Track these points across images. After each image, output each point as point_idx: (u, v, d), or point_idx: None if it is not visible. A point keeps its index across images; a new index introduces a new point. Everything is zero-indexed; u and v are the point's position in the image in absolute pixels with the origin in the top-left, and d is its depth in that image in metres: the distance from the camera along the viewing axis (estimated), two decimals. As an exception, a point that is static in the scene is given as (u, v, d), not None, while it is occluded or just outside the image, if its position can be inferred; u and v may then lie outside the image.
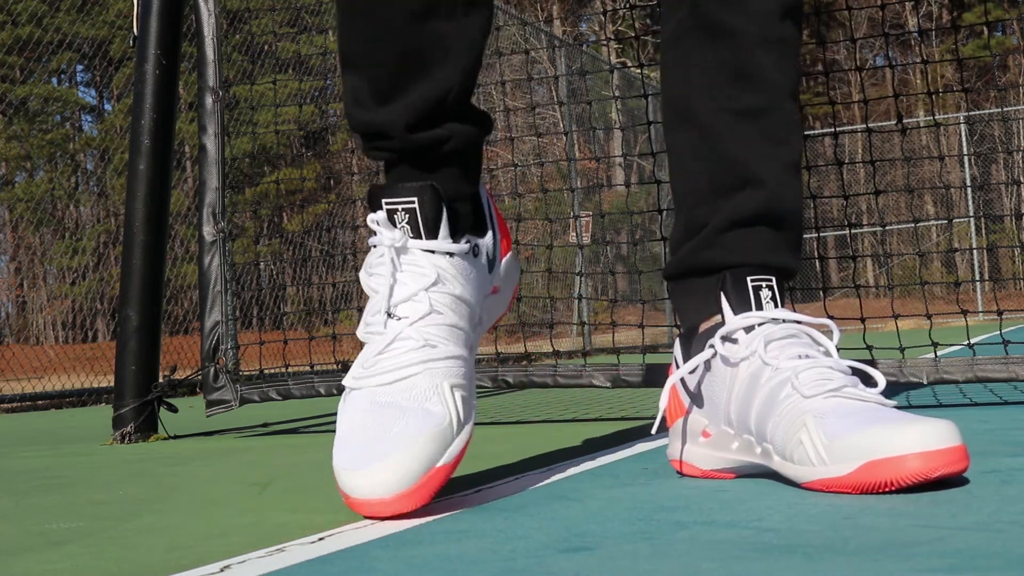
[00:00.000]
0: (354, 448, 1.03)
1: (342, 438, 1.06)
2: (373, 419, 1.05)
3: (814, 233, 2.56)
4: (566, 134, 2.98)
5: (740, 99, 1.24)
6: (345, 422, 1.08)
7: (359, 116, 1.22)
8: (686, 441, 1.24)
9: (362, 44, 1.20)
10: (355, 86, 1.22)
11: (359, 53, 1.21)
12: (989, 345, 2.21)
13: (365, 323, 1.11)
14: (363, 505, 1.01)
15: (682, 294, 1.29)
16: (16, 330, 10.95)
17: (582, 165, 10.85)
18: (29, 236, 10.10)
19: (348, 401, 1.10)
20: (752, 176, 1.25)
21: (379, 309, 1.11)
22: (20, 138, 10.69)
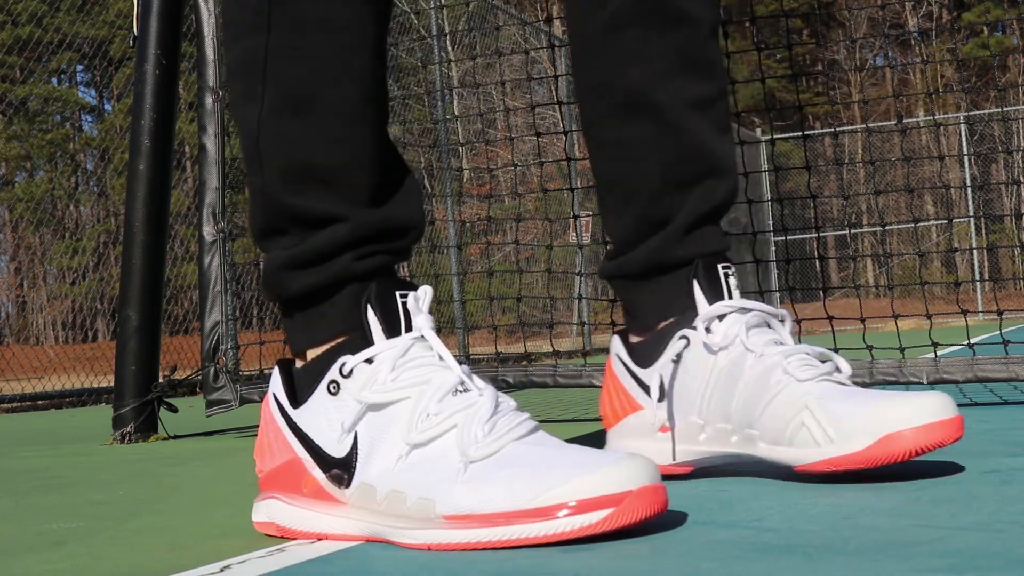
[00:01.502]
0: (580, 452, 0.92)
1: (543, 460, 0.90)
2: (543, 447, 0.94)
3: (814, 233, 2.55)
4: (566, 134, 2.99)
5: (696, 89, 1.21)
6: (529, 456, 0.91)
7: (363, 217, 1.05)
8: (639, 438, 1.19)
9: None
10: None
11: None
12: (989, 345, 2.21)
13: (428, 414, 0.93)
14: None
15: (644, 292, 1.23)
16: (16, 330, 10.96)
17: (582, 165, 10.86)
18: (29, 236, 10.11)
19: (496, 460, 0.91)
20: (715, 166, 1.22)
21: (445, 391, 0.95)
22: (20, 138, 10.69)
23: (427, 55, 9.50)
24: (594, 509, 0.85)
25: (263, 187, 1.03)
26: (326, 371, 0.98)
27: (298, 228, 1.02)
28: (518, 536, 0.86)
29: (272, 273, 1.04)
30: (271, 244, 1.05)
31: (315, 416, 0.98)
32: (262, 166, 1.03)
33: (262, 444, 1.03)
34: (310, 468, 0.98)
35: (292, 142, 1.02)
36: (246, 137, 1.04)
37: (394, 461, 0.93)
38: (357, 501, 0.95)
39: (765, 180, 14.02)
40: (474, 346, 9.40)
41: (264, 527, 1.02)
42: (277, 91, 1.02)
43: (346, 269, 1.01)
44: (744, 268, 13.31)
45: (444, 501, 0.88)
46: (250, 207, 1.06)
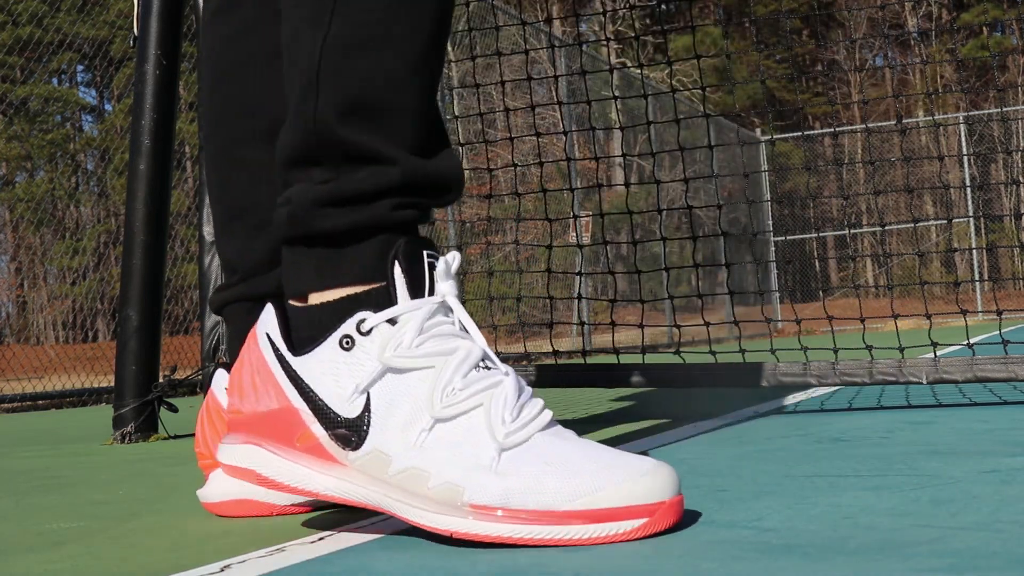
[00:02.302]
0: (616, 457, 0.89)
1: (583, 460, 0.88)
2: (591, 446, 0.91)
3: (814, 233, 2.55)
4: (566, 134, 3.00)
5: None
6: (562, 456, 0.88)
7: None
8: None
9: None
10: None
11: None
12: (989, 345, 2.21)
13: (454, 388, 0.90)
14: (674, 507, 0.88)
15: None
16: (16, 330, 10.96)
17: (582, 165, 10.86)
18: (29, 236, 10.11)
19: (530, 449, 0.89)
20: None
21: (470, 364, 0.91)
22: (21, 138, 10.69)
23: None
24: (629, 518, 0.85)
25: (315, 113, 0.97)
26: (338, 323, 0.93)
27: (339, 162, 0.97)
28: (548, 537, 0.85)
29: (304, 206, 0.97)
30: (300, 174, 0.99)
31: (321, 368, 0.93)
32: (318, 93, 0.97)
33: (242, 382, 0.97)
34: (308, 422, 0.93)
35: (354, 75, 0.97)
36: (303, 61, 0.99)
37: (416, 434, 0.89)
38: (364, 466, 0.91)
39: (765, 180, 14.04)
40: (474, 346, 9.38)
41: (239, 473, 0.96)
42: (347, 21, 0.98)
43: (384, 215, 0.96)
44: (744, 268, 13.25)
45: (475, 490, 0.86)
46: (288, 131, 1.00)
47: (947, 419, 1.79)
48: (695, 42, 2.76)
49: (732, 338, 8.99)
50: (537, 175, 8.93)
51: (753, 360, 2.21)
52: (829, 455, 1.38)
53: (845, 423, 1.83)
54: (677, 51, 20.82)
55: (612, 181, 15.40)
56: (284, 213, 0.99)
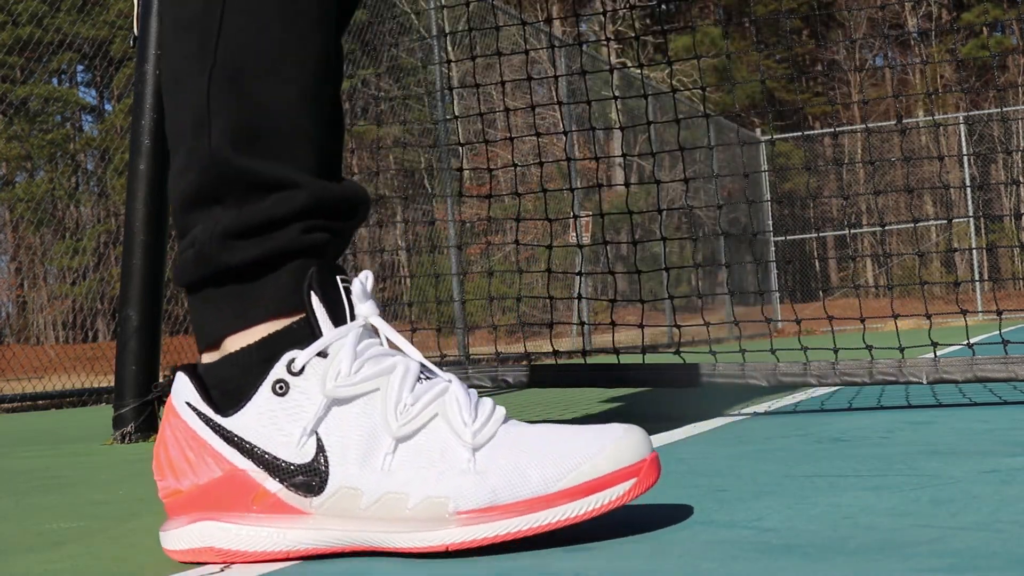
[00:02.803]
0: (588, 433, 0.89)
1: (553, 440, 0.88)
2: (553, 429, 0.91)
3: (814, 233, 2.55)
4: (566, 134, 3.01)
5: None
6: (529, 440, 0.88)
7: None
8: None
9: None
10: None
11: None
12: (989, 345, 2.21)
13: (405, 405, 0.88)
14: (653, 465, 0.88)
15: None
16: (16, 330, 10.96)
17: (582, 165, 10.86)
18: (29, 236, 10.11)
19: (500, 441, 0.88)
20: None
21: (413, 378, 0.90)
22: (20, 138, 10.69)
23: (427, 55, 9.51)
24: (618, 482, 0.85)
25: (209, 148, 0.94)
26: (264, 368, 0.89)
27: (241, 195, 0.93)
28: (544, 523, 0.84)
29: (209, 241, 0.93)
30: (201, 215, 0.94)
31: (258, 422, 0.88)
32: (210, 126, 0.94)
33: (172, 459, 0.91)
34: (260, 480, 0.88)
35: (246, 103, 0.95)
36: (191, 98, 0.95)
37: (380, 459, 0.86)
38: (330, 509, 0.87)
39: (765, 180, 14.04)
40: (474, 346, 9.41)
41: (197, 554, 0.89)
42: (233, 51, 0.95)
43: (294, 239, 0.93)
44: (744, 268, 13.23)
45: (459, 497, 0.84)
46: (182, 174, 0.96)
47: (947, 419, 1.79)
48: (695, 42, 2.76)
49: (732, 338, 8.99)
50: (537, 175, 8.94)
51: (753, 360, 2.21)
52: (829, 455, 1.38)
53: (845, 423, 1.83)
54: (677, 51, 20.81)
55: (612, 181, 15.40)
56: (189, 256, 0.94)
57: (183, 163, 0.96)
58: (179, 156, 0.97)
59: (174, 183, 0.97)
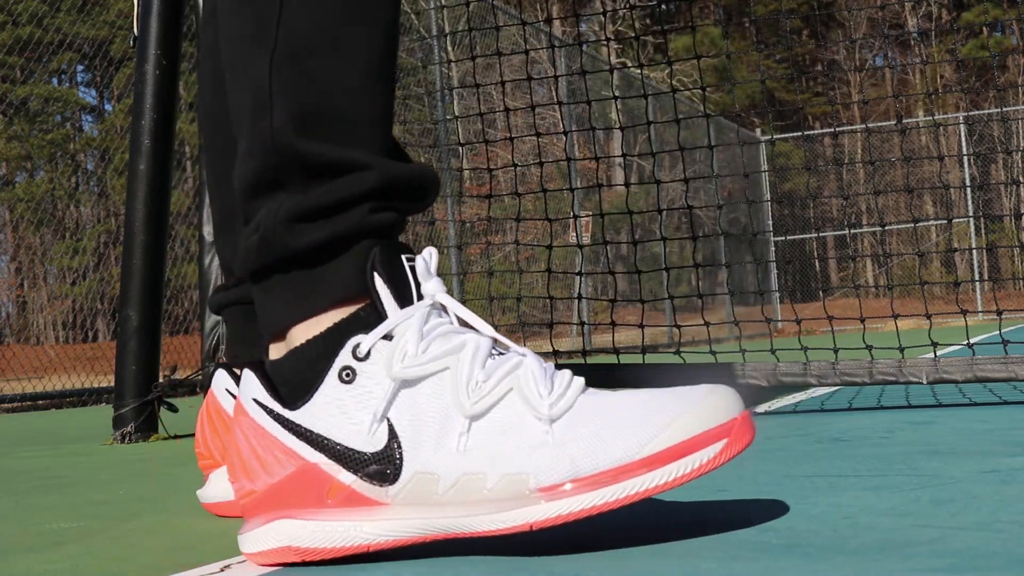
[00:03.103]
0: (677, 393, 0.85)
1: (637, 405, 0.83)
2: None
3: (814, 233, 2.55)
4: (566, 134, 3.01)
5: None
6: (612, 405, 0.84)
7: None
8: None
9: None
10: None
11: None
12: (989, 345, 2.21)
13: (477, 382, 0.85)
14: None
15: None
16: (16, 330, 10.96)
17: (582, 165, 10.86)
18: (29, 236, 10.11)
19: (580, 408, 0.84)
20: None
21: (484, 354, 0.87)
22: (21, 138, 10.70)
23: (427, 55, 9.51)
24: (707, 444, 0.80)
25: (271, 132, 0.90)
26: (330, 358, 0.86)
27: (306, 179, 0.90)
28: (633, 492, 0.79)
29: (274, 226, 0.89)
30: (265, 200, 0.91)
31: (326, 412, 0.85)
32: (271, 110, 0.91)
33: (245, 463, 0.88)
34: (333, 472, 0.84)
35: (309, 86, 0.91)
36: (252, 80, 0.92)
37: (455, 440, 0.83)
38: (408, 497, 0.83)
39: (765, 180, 14.04)
40: (474, 346, 9.37)
41: (277, 555, 0.85)
42: (294, 33, 0.91)
43: (361, 220, 0.89)
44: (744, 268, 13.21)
45: (539, 472, 0.80)
46: (244, 158, 0.93)
47: (947, 419, 1.79)
48: (695, 42, 2.76)
49: (732, 338, 8.99)
50: (537, 175, 8.93)
51: (753, 360, 2.21)
52: (829, 455, 1.38)
53: (845, 423, 1.83)
54: (677, 51, 20.81)
55: (612, 181, 15.40)
56: (254, 242, 0.91)
57: (245, 147, 0.93)
58: (242, 140, 0.94)
59: (238, 168, 0.94)
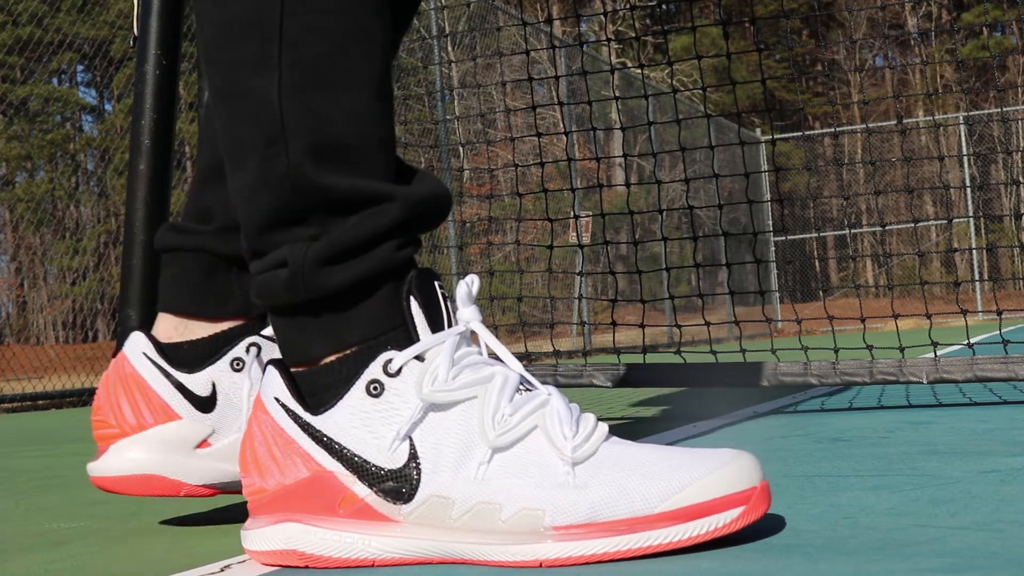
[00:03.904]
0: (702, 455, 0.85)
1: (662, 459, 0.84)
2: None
3: (814, 233, 2.56)
4: (567, 134, 3.01)
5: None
6: (639, 456, 0.85)
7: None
8: (167, 453, 1.03)
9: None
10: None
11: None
12: (989, 345, 2.21)
13: (504, 415, 0.85)
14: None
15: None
16: (16, 330, 10.96)
17: (582, 165, 10.86)
18: (29, 236, 10.11)
19: (602, 457, 0.84)
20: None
21: (512, 389, 0.87)
22: (21, 138, 10.69)
23: (427, 55, 9.50)
24: (726, 508, 0.81)
25: (287, 167, 0.87)
26: (359, 370, 0.86)
27: (324, 214, 0.88)
28: (645, 545, 0.80)
29: (304, 269, 0.87)
30: (284, 235, 0.89)
31: (350, 422, 0.85)
32: (287, 144, 0.87)
33: (259, 461, 0.88)
34: (348, 484, 0.84)
35: (322, 116, 0.88)
36: (258, 110, 0.88)
37: (474, 468, 0.83)
38: (420, 518, 0.83)
39: (765, 180, 14.03)
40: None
41: (281, 556, 0.86)
42: (298, 61, 0.88)
43: (389, 257, 0.88)
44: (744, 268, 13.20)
45: (554, 511, 0.80)
46: (257, 194, 0.89)
47: (947, 419, 1.79)
48: (695, 42, 2.76)
49: (732, 338, 8.99)
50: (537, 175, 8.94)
51: (753, 360, 2.21)
52: (829, 455, 1.38)
53: (845, 423, 1.83)
54: (677, 51, 20.81)
55: (612, 181, 15.40)
56: (281, 279, 0.88)
57: (255, 181, 0.89)
58: (247, 172, 0.90)
59: (245, 201, 0.90)
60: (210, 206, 1.13)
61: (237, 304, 1.10)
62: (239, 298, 1.10)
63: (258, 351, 1.07)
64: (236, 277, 1.10)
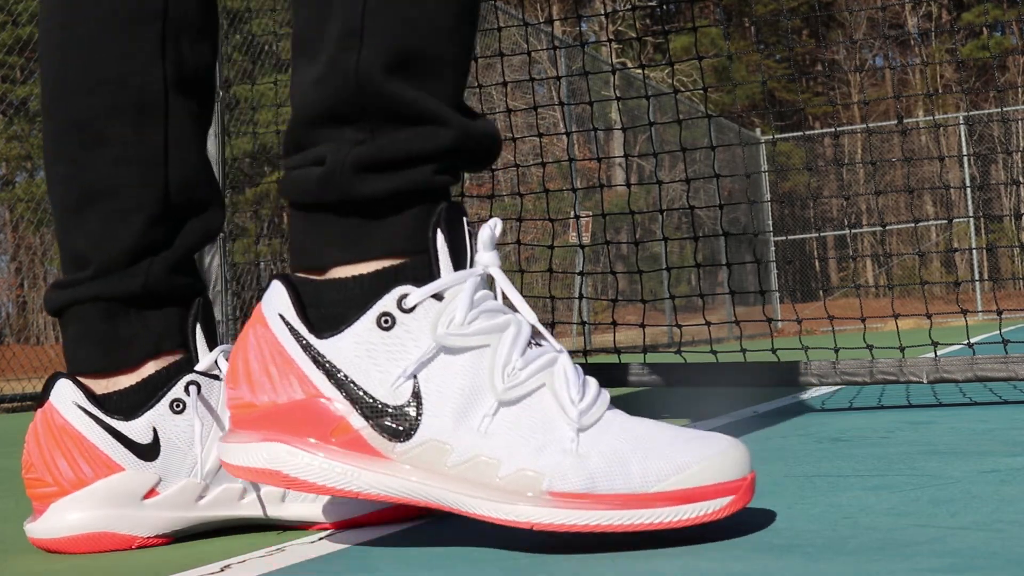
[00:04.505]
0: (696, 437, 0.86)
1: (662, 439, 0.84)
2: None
3: (814, 233, 2.55)
4: (567, 134, 3.01)
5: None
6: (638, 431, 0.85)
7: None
8: (113, 507, 0.98)
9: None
10: None
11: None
12: (989, 344, 2.21)
13: (514, 368, 0.84)
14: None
15: (137, 322, 1.01)
16: (16, 330, 10.96)
17: (582, 165, 10.86)
18: (30, 236, 10.11)
19: (606, 427, 0.84)
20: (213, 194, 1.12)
21: (524, 341, 0.85)
22: (21, 138, 10.70)
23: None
24: (717, 496, 0.81)
25: (357, 65, 0.85)
26: (371, 298, 0.84)
27: (379, 121, 0.86)
28: (636, 522, 0.79)
29: (341, 169, 0.85)
30: (331, 133, 0.87)
31: (354, 352, 0.83)
32: (362, 42, 0.85)
33: (251, 370, 0.86)
34: (344, 413, 0.83)
35: (404, 22, 0.86)
36: (346, 4, 0.86)
37: (478, 419, 0.82)
38: (414, 459, 0.82)
39: (765, 180, 14.03)
40: (474, 346, 9.37)
41: (261, 475, 0.84)
42: None
43: (426, 179, 0.86)
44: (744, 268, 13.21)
45: (556, 476, 0.80)
46: (319, 85, 0.87)
47: (947, 419, 1.79)
48: (696, 42, 2.76)
49: (732, 338, 8.99)
50: (538, 175, 8.94)
51: (753, 360, 2.21)
52: (829, 455, 1.38)
53: (845, 423, 1.83)
54: (677, 52, 20.81)
55: (612, 181, 15.40)
56: (315, 175, 0.87)
57: (321, 72, 0.87)
58: (316, 63, 0.88)
59: (304, 90, 0.88)
60: (81, 250, 1.04)
61: (149, 344, 1.03)
62: (148, 337, 1.03)
63: (198, 389, 1.01)
64: (137, 316, 1.03)
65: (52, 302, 1.06)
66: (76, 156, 1.05)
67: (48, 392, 1.01)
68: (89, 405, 1.00)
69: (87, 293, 1.03)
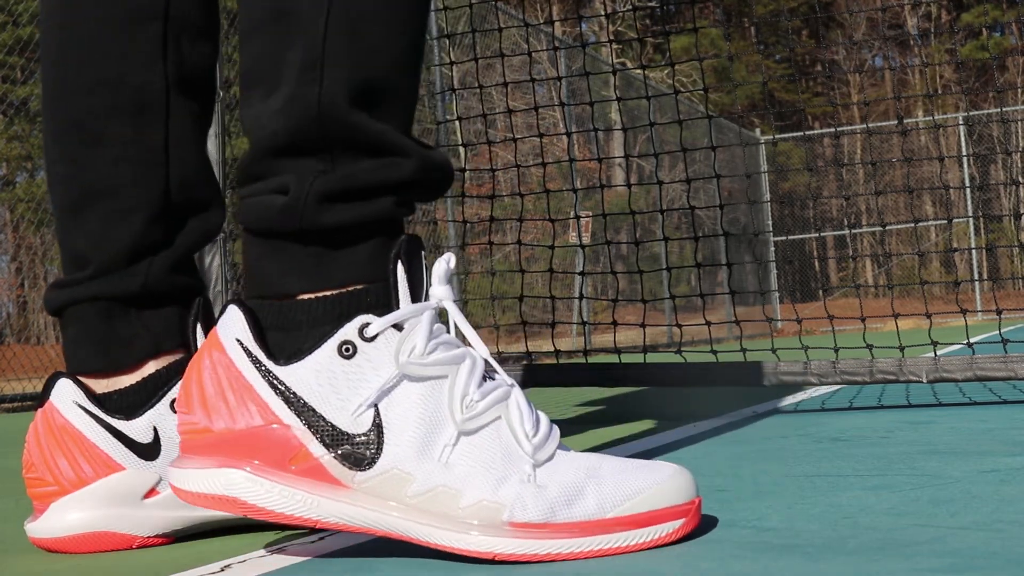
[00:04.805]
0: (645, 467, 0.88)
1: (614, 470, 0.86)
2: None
3: (814, 233, 2.55)
4: (567, 135, 3.01)
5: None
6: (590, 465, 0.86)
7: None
8: (113, 507, 0.99)
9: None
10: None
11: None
12: (988, 344, 2.21)
13: (472, 400, 0.85)
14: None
15: (136, 323, 1.03)
16: (17, 330, 10.96)
17: (582, 165, 10.86)
18: (30, 236, 10.11)
19: (563, 462, 0.86)
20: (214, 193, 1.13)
21: (479, 374, 0.87)
22: (21, 138, 10.70)
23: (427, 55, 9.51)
24: (669, 519, 0.84)
25: (319, 96, 0.86)
26: (333, 325, 0.84)
27: (339, 152, 0.86)
28: (595, 548, 0.82)
29: (306, 200, 0.85)
30: (291, 164, 0.87)
31: (316, 379, 0.83)
32: (322, 72, 0.86)
33: (206, 395, 0.85)
34: (305, 441, 0.83)
35: (365, 53, 0.86)
36: (303, 34, 0.86)
37: (439, 449, 0.83)
38: (374, 488, 0.82)
39: (765, 180, 14.04)
40: (474, 346, 9.36)
41: (216, 501, 0.83)
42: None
43: (387, 210, 0.87)
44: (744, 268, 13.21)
45: (516, 507, 0.81)
46: (279, 115, 0.87)
47: (947, 419, 1.79)
48: (696, 42, 2.76)
49: (732, 338, 8.98)
50: (538, 175, 8.94)
51: (753, 360, 2.21)
52: (829, 455, 1.38)
53: (845, 423, 1.83)
54: (677, 52, 20.81)
55: (612, 181, 15.40)
56: (278, 204, 0.86)
57: (282, 103, 0.87)
58: (276, 95, 0.87)
59: (263, 122, 0.88)
60: (81, 249, 1.05)
61: (149, 344, 1.03)
62: (148, 337, 1.04)
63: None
64: (136, 316, 1.03)
65: (52, 302, 1.06)
66: (76, 156, 1.05)
67: (48, 392, 1.01)
68: (90, 404, 1.00)
69: (87, 293, 1.03)
